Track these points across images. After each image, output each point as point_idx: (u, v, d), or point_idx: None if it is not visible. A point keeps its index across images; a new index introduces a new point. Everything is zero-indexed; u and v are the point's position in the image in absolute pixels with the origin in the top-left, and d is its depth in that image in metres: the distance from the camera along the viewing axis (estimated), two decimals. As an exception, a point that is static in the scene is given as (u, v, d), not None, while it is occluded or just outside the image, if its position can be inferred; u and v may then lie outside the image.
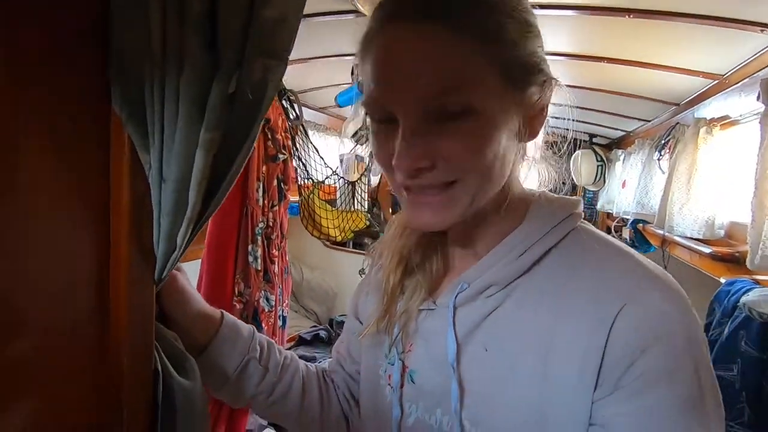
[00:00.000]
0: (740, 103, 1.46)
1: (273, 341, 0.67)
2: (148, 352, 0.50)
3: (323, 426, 0.67)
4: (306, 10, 0.48)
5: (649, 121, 2.27)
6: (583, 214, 0.55)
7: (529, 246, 0.51)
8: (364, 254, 2.37)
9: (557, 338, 0.47)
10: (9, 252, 0.40)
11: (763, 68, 1.14)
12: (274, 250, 1.29)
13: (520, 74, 0.48)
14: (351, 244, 3.16)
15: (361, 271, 1.68)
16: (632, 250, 0.51)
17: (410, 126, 0.46)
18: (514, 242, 0.52)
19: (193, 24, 0.41)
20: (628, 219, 2.55)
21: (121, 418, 0.48)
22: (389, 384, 0.59)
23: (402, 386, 0.58)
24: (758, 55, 1.14)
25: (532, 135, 0.51)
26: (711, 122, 1.67)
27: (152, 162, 0.46)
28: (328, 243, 3.03)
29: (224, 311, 0.62)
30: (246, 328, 0.63)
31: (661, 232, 1.97)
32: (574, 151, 3.05)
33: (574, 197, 0.56)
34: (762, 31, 0.98)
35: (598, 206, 2.99)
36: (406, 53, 0.45)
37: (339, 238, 1.96)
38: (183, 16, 0.41)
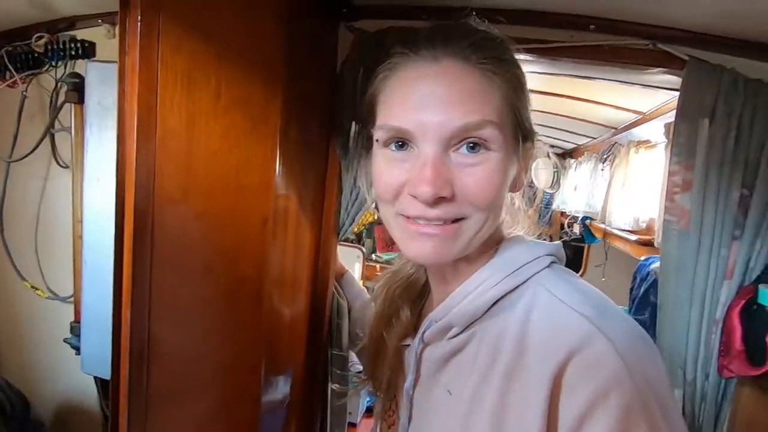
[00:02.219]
0: (657, 132, 2.01)
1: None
2: (331, 272, 0.95)
3: None
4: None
5: (595, 138, 2.85)
6: (555, 258, 0.54)
7: (487, 290, 0.52)
8: (358, 247, 2.80)
9: (511, 391, 0.47)
10: (299, 221, 0.84)
11: (668, 112, 1.69)
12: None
13: (526, 128, 0.52)
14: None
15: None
16: (592, 299, 0.49)
17: (435, 154, 0.46)
18: (475, 284, 0.53)
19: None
20: (578, 216, 3.12)
21: (323, 318, 0.92)
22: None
23: (393, 424, 0.65)
24: (665, 104, 1.68)
25: (517, 188, 0.54)
26: (638, 144, 2.23)
27: (348, 178, 0.91)
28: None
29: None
30: (348, 273, 1.05)
31: (603, 226, 2.53)
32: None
33: (553, 243, 0.56)
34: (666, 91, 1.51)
35: (554, 206, 3.52)
36: (441, 83, 0.47)
37: (356, 230, 2.38)
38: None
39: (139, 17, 0.56)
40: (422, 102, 0.47)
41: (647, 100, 1.87)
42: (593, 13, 0.79)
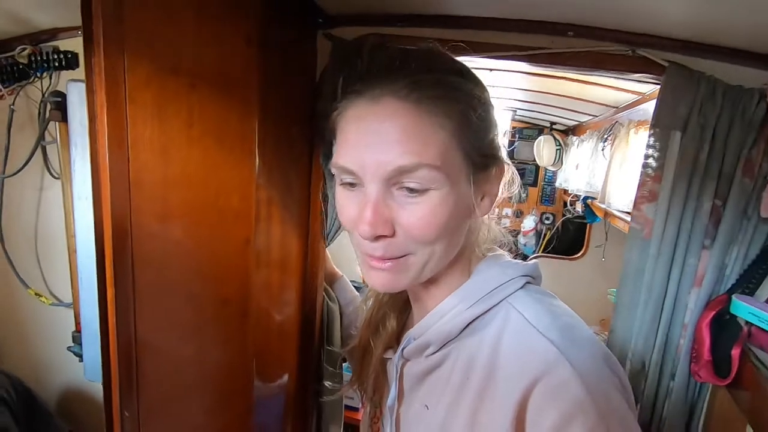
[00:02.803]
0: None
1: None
2: (320, 281, 0.97)
3: None
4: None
5: (597, 116, 2.80)
6: (530, 278, 0.55)
7: (461, 312, 0.54)
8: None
9: (482, 409, 0.49)
10: (284, 234, 0.85)
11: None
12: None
13: (480, 160, 0.51)
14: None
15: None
16: (560, 321, 0.50)
17: (376, 196, 0.48)
18: (450, 305, 0.55)
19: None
20: (580, 195, 3.10)
21: (315, 309, 0.95)
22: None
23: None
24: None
25: (484, 212, 0.55)
26: (638, 124, 2.19)
27: (332, 185, 0.92)
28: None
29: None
30: (343, 278, 1.07)
31: (603, 206, 2.52)
32: (538, 136, 3.56)
33: (530, 262, 0.58)
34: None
35: (557, 184, 3.50)
36: (380, 123, 0.47)
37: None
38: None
39: (103, 58, 0.56)
40: (362, 142, 0.48)
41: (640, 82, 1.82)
42: (571, 21, 0.77)
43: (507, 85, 2.43)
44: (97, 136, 0.59)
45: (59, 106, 0.99)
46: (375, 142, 0.47)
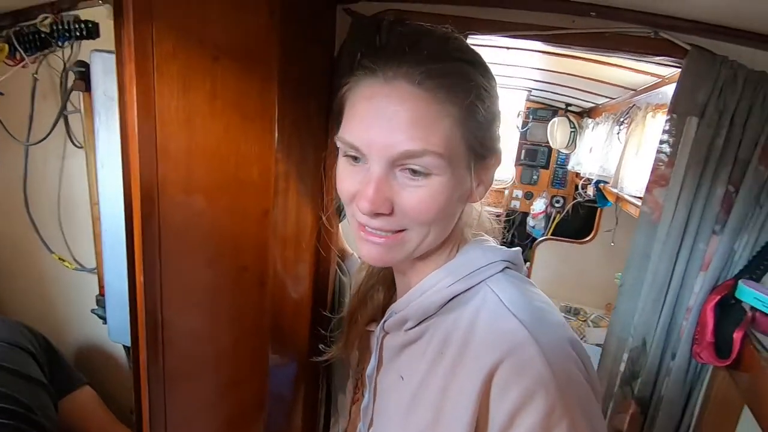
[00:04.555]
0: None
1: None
2: (333, 254, 1.00)
3: None
4: None
5: (614, 98, 2.75)
6: (510, 264, 0.57)
7: (441, 289, 0.56)
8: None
9: (452, 382, 0.51)
10: (299, 207, 0.88)
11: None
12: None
13: (481, 151, 0.53)
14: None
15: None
16: (533, 305, 0.52)
17: (379, 174, 0.50)
18: (431, 282, 0.57)
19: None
20: (592, 179, 3.07)
21: (327, 283, 0.98)
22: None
23: (356, 401, 0.73)
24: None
25: (475, 199, 0.57)
26: (656, 108, 2.15)
27: None
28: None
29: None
30: (353, 255, 1.10)
31: (615, 190, 2.50)
32: (552, 118, 3.51)
33: (511, 249, 0.60)
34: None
35: (569, 167, 3.47)
36: (391, 105, 0.48)
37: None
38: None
39: (132, 30, 0.58)
40: (372, 122, 0.49)
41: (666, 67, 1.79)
42: (594, 0, 0.77)
43: (523, 65, 2.39)
44: (126, 107, 0.61)
45: (83, 76, 1.00)
46: (384, 124, 0.48)
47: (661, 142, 0.81)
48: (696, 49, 0.75)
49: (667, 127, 0.80)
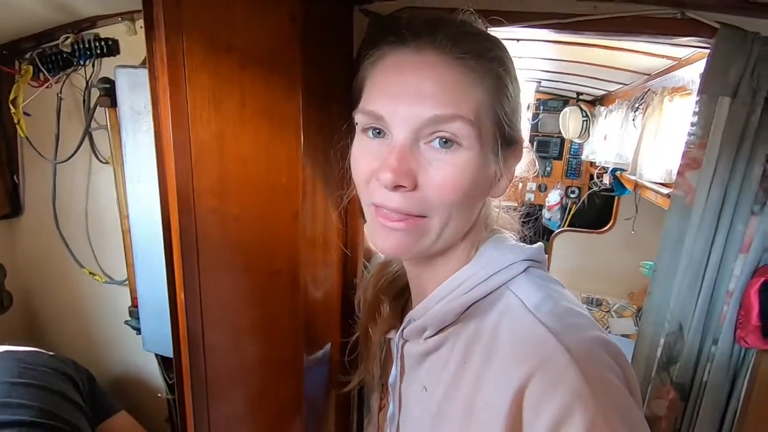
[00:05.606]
0: (694, 76, 1.90)
1: None
2: (359, 255, 1.00)
3: None
4: None
5: (627, 84, 2.71)
6: (532, 263, 0.54)
7: (460, 295, 0.53)
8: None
9: (478, 395, 0.48)
10: (326, 210, 0.88)
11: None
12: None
13: (509, 132, 0.52)
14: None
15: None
16: (560, 308, 0.48)
17: (403, 143, 0.47)
18: (449, 288, 0.54)
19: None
20: (608, 167, 3.03)
21: (354, 282, 0.98)
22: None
23: (382, 408, 0.71)
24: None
25: (498, 194, 0.55)
26: (673, 91, 2.12)
27: None
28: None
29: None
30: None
31: (634, 178, 2.47)
32: (563, 108, 3.48)
33: (533, 245, 0.56)
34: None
35: (583, 156, 3.43)
36: (419, 74, 0.47)
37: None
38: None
39: (164, 43, 0.59)
40: (398, 90, 0.47)
41: (683, 49, 1.75)
42: (617, -16, 0.76)
43: (532, 56, 2.37)
44: (161, 120, 0.62)
45: (108, 92, 1.02)
46: (412, 91, 0.47)
47: (692, 124, 0.80)
48: (725, 27, 0.74)
49: (696, 109, 0.79)
